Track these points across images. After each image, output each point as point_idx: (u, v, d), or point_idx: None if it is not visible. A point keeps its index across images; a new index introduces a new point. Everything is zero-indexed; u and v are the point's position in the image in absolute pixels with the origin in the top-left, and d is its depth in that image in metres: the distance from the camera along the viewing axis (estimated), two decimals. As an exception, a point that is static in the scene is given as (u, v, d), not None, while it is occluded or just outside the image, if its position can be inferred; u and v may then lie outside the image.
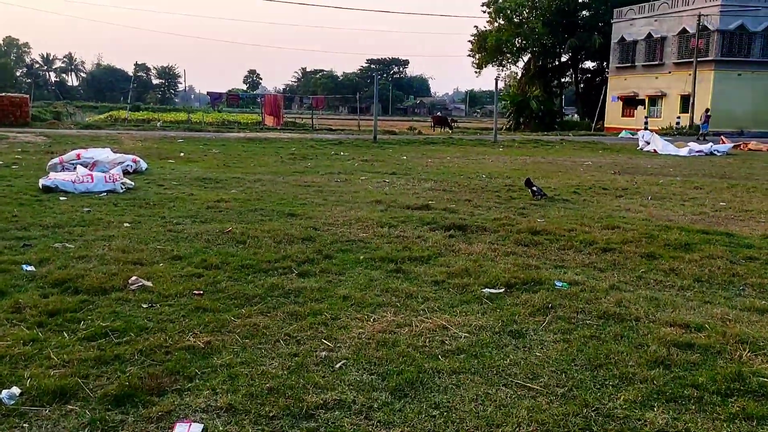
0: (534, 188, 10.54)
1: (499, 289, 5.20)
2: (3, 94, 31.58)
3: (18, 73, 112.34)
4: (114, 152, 13.35)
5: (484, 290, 5.15)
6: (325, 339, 4.03)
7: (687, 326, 4.33)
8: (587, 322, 4.44)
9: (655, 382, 3.48)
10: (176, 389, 3.29)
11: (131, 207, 8.63)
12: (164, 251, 6.12)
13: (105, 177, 10.11)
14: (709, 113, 33.32)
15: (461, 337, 4.13)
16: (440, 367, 3.64)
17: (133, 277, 5.03)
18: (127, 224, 7.38)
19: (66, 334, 3.93)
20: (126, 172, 12.14)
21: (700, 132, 31.34)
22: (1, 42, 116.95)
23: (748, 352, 3.89)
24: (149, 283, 4.98)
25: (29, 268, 5.29)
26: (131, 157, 13.05)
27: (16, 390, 3.14)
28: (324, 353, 3.79)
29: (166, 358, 3.64)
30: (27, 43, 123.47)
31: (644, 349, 3.92)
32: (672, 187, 12.50)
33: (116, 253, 5.91)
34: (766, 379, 3.48)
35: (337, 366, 3.63)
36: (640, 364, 3.70)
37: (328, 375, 3.52)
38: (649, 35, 45.68)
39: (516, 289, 5.20)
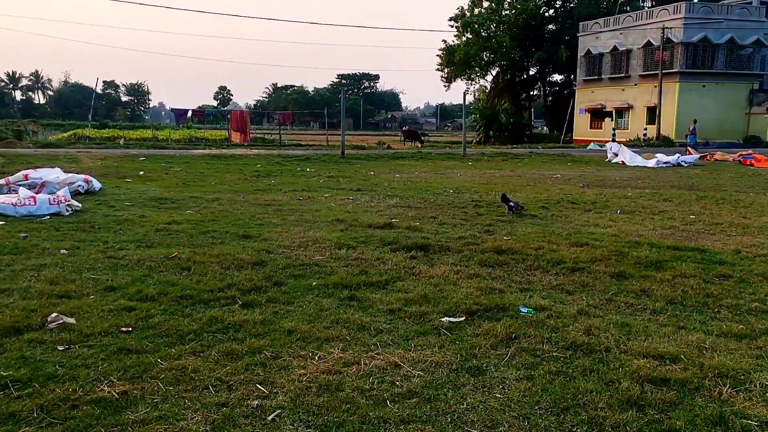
0: (511, 203, 10.20)
1: (459, 317, 4.80)
2: (-42, 112, 30.49)
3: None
4: (66, 172, 12.73)
5: (443, 319, 4.74)
6: (260, 383, 3.57)
7: (661, 357, 3.97)
8: (553, 354, 4.06)
9: (628, 427, 3.10)
10: (74, 456, 2.80)
11: (73, 231, 8.05)
12: (98, 281, 5.59)
13: (49, 199, 9.49)
14: (695, 124, 33.52)
15: (414, 376, 3.71)
16: (388, 416, 3.21)
17: (54, 314, 4.50)
18: (65, 251, 6.82)
19: (-43, 388, 3.41)
20: (77, 193, 11.54)
21: (689, 144, 31.44)
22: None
23: (729, 387, 3.53)
24: (72, 320, 4.46)
25: (-64, 305, 4.74)
26: (83, 176, 12.41)
27: None
28: (256, 402, 3.33)
29: (71, 414, 3.14)
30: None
31: (615, 387, 3.54)
32: (641, 200, 12.31)
33: (43, 285, 5.37)
34: (750, 422, 3.13)
35: (270, 418, 3.17)
36: (611, 405, 3.32)
37: (259, 430, 3.07)
38: (615, 48, 46.26)
39: (478, 317, 4.80)
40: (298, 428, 3.09)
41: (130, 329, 4.39)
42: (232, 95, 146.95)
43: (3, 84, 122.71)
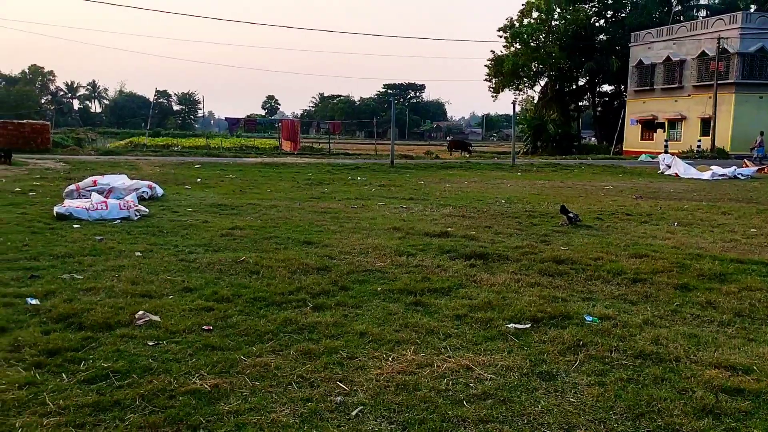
0: (570, 215, 10.21)
1: (524, 324, 4.90)
2: (25, 121, 32.05)
3: (43, 101, 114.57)
4: (130, 178, 13.29)
5: (509, 325, 4.85)
6: (340, 381, 3.75)
7: (733, 368, 3.98)
8: (623, 362, 4.12)
9: (704, 435, 3.15)
10: (178, 440, 3.03)
11: (144, 235, 8.45)
12: (175, 282, 5.90)
13: (119, 204, 9.98)
14: (762, 137, 32.51)
15: (487, 379, 3.83)
16: (466, 415, 3.34)
17: (140, 312, 4.80)
18: (139, 253, 7.19)
19: (65, 376, 3.69)
20: (142, 199, 12.03)
21: (755, 156, 30.53)
22: (27, 70, 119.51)
23: (805, 399, 3.54)
24: (157, 318, 4.75)
25: (34, 301, 5.09)
26: (147, 183, 12.95)
27: (4, 442, 2.90)
28: (339, 398, 3.51)
29: (170, 403, 3.38)
30: (52, 71, 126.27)
31: (689, 395, 3.59)
32: (698, 213, 12.09)
33: (125, 285, 5.70)
34: (829, 433, 3.14)
35: (354, 413, 3.35)
36: (686, 412, 3.37)
37: (344, 424, 3.24)
38: (668, 58, 45.36)
39: (543, 325, 4.89)
40: (381, 424, 3.25)
41: (211, 328, 4.64)
42: (279, 104, 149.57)
43: (62, 93, 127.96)
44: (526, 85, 56.69)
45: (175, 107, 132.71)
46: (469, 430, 3.21)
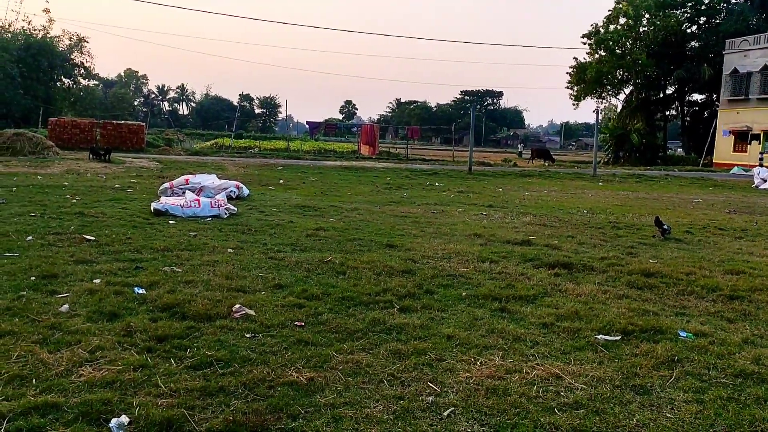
0: (665, 227, 9.90)
1: (614, 336, 4.81)
2: (122, 122, 34.03)
3: (136, 103, 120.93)
4: (219, 178, 13.89)
5: (597, 336, 4.77)
6: (430, 382, 3.82)
7: (844, 394, 3.77)
8: (722, 380, 3.98)
9: (814, 460, 3.01)
10: (280, 428, 3.18)
11: (234, 233, 8.83)
12: (266, 279, 6.15)
13: (210, 202, 10.46)
14: None
15: (578, 388, 3.80)
16: (558, 423, 3.33)
17: (237, 305, 5.05)
18: (231, 250, 7.52)
19: (173, 361, 3.95)
20: (229, 198, 12.55)
21: None
22: (122, 73, 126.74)
23: None
24: (252, 312, 4.97)
25: (141, 290, 5.45)
26: (234, 183, 13.51)
27: (125, 419, 3.14)
28: (431, 398, 3.58)
29: (270, 393, 3.56)
30: (145, 74, 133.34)
31: (795, 419, 3.43)
32: (800, 230, 11.39)
33: (221, 279, 5.99)
34: None
35: (446, 414, 3.41)
36: (793, 436, 3.23)
37: (437, 423, 3.30)
38: (765, 67, 42.81)
39: (634, 338, 4.79)
40: (473, 426, 3.29)
41: (303, 324, 4.82)
42: (356, 109, 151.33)
43: (153, 96, 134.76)
44: (610, 93, 54.92)
45: (257, 110, 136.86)
46: (563, 438, 3.20)
